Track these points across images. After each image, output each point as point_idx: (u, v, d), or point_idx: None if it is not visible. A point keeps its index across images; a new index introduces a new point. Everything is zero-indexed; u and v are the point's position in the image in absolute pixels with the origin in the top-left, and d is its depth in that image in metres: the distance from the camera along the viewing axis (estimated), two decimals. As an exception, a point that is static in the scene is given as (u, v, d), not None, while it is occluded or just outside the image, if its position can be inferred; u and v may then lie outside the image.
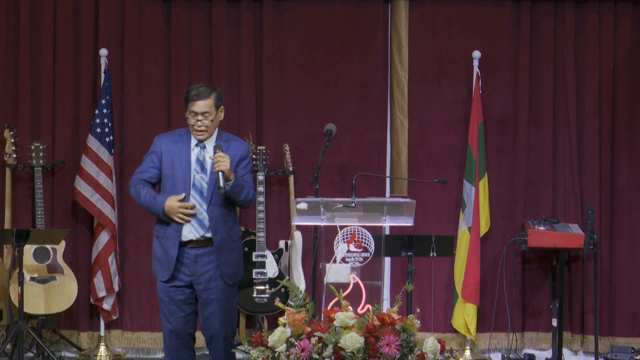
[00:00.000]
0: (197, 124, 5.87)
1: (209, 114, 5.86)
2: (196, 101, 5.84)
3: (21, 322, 7.20)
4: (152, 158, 5.98)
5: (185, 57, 8.28)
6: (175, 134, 6.04)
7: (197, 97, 5.84)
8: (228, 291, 5.98)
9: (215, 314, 5.95)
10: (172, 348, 6.00)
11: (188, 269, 5.91)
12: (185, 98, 5.93)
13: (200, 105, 5.85)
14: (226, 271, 5.94)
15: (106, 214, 7.96)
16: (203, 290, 5.93)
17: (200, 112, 5.85)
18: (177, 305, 5.93)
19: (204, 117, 5.86)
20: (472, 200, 8.03)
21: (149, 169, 5.99)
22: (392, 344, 5.01)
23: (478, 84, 8.16)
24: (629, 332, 8.25)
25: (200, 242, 5.91)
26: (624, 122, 8.32)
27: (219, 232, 5.90)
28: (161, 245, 5.94)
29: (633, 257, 8.28)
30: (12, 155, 8.01)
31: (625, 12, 8.30)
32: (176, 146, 5.94)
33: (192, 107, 5.85)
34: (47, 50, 8.21)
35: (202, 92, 5.86)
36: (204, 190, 5.90)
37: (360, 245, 5.52)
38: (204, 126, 5.87)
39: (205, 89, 5.89)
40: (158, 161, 5.96)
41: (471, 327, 8.04)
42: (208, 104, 5.86)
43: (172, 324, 5.95)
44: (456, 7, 8.35)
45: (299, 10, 8.34)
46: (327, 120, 7.14)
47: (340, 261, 5.49)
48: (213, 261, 5.92)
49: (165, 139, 6.02)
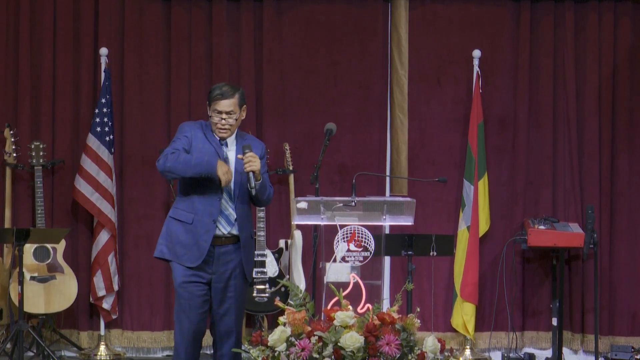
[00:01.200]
0: (220, 122, 5.87)
1: (233, 113, 5.87)
2: (221, 100, 5.84)
3: (21, 322, 7.21)
4: (184, 142, 5.86)
5: (185, 57, 8.28)
6: (199, 125, 5.97)
7: (222, 97, 5.85)
8: (244, 289, 5.99)
9: (231, 311, 5.92)
10: (190, 349, 5.90)
11: (210, 267, 5.88)
12: (208, 97, 5.90)
13: (224, 104, 5.85)
14: (248, 269, 5.97)
15: (106, 213, 7.96)
16: (223, 288, 5.89)
17: (224, 111, 5.85)
18: (197, 302, 5.88)
19: (228, 115, 5.86)
20: (472, 200, 8.04)
21: (182, 148, 5.85)
22: (392, 343, 5.01)
23: (478, 83, 8.16)
24: (629, 332, 8.25)
25: (225, 239, 5.90)
26: (624, 121, 8.32)
27: (244, 230, 5.90)
28: (187, 230, 5.83)
29: (633, 256, 8.29)
30: (12, 155, 8.01)
31: (625, 12, 8.30)
32: (200, 132, 5.91)
33: (216, 106, 5.85)
34: (47, 50, 8.21)
35: (227, 91, 5.86)
36: (230, 188, 5.88)
37: (360, 245, 5.52)
38: (227, 125, 5.87)
39: (230, 89, 5.89)
40: (189, 145, 5.87)
41: (469, 327, 8.04)
42: (232, 103, 5.86)
43: (192, 321, 5.84)
44: (456, 7, 8.35)
45: (299, 10, 8.34)
46: (327, 120, 7.14)
47: (340, 260, 5.49)
48: (234, 259, 5.89)
49: (193, 127, 5.94)
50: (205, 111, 8.31)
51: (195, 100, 8.28)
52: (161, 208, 8.24)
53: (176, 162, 5.75)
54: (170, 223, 5.88)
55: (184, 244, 5.83)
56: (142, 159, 8.26)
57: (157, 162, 5.81)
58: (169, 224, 5.88)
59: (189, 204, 5.84)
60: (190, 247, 5.82)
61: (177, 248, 5.85)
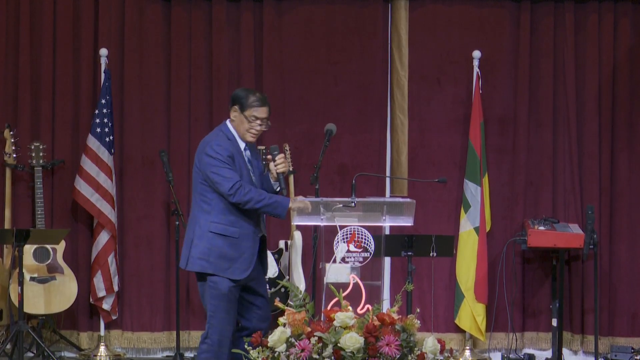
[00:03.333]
0: (256, 128, 5.95)
1: (267, 120, 5.98)
2: (261, 107, 5.95)
3: (21, 322, 7.21)
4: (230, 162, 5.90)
5: (185, 57, 8.28)
6: (224, 138, 6.00)
7: (262, 103, 5.96)
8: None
9: (266, 306, 6.03)
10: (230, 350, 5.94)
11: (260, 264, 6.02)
12: (240, 102, 5.95)
13: (264, 111, 5.95)
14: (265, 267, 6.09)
15: (106, 213, 7.96)
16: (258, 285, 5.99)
17: (262, 117, 5.95)
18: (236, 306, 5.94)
19: (263, 122, 5.96)
20: (478, 200, 8.02)
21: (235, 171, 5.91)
22: (392, 343, 5.01)
23: (478, 83, 8.16)
24: (629, 332, 8.25)
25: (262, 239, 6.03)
26: (624, 122, 8.32)
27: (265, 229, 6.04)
28: (232, 244, 5.88)
29: (633, 257, 8.28)
30: (12, 155, 8.01)
31: (625, 12, 8.30)
32: (234, 150, 5.97)
33: (255, 112, 5.92)
34: (47, 50, 8.21)
35: (264, 98, 5.98)
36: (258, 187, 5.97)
37: (360, 245, 5.52)
38: (261, 131, 5.99)
39: (264, 97, 6.01)
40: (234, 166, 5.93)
41: (482, 327, 8.03)
42: (268, 110, 5.98)
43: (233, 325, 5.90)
44: (456, 7, 8.35)
45: (299, 10, 8.34)
46: (327, 120, 7.14)
47: (340, 261, 5.50)
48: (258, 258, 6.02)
49: (225, 143, 5.96)
50: (202, 110, 8.32)
51: (195, 100, 8.28)
52: (161, 208, 8.24)
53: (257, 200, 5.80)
54: (213, 238, 5.89)
55: (231, 258, 5.88)
56: (142, 160, 8.25)
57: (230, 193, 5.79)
58: (211, 240, 5.89)
59: (232, 218, 5.87)
60: (235, 260, 5.88)
61: (221, 262, 5.88)
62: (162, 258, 8.22)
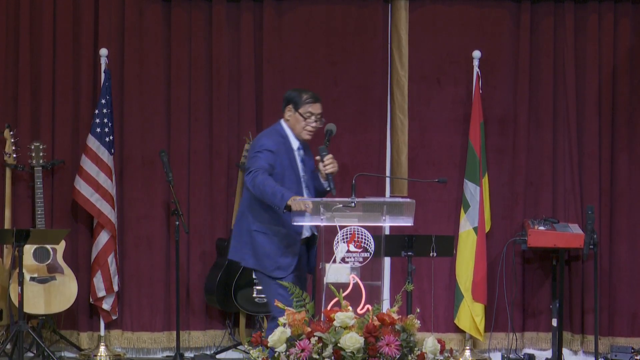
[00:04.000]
0: (311, 124, 6.06)
1: (321, 116, 6.08)
2: (315, 103, 6.06)
3: (21, 322, 7.20)
4: (269, 156, 5.99)
5: (185, 57, 8.28)
6: (276, 134, 6.10)
7: (315, 100, 6.06)
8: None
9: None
10: None
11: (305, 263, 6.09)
12: (292, 100, 6.08)
13: (317, 107, 6.08)
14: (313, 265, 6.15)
15: (106, 213, 7.96)
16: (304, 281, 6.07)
17: (317, 113, 6.06)
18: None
19: (317, 118, 6.06)
20: (478, 200, 8.02)
21: (268, 165, 5.97)
22: (392, 344, 5.01)
23: (478, 83, 8.16)
24: (629, 332, 8.25)
25: (308, 239, 6.06)
26: (624, 122, 8.32)
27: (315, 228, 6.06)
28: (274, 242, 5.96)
29: (633, 257, 8.28)
30: (12, 155, 8.01)
31: (625, 12, 8.30)
32: (283, 147, 6.05)
33: (310, 109, 6.04)
34: (47, 50, 8.21)
35: (316, 95, 6.08)
36: (310, 190, 6.06)
37: (360, 245, 5.52)
38: (316, 127, 6.08)
39: (316, 94, 6.11)
40: (273, 160, 6.01)
41: (481, 327, 8.03)
42: (321, 107, 6.09)
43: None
44: (456, 7, 8.35)
45: (299, 10, 8.34)
46: (327, 120, 7.13)
47: (340, 261, 5.49)
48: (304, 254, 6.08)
49: (272, 139, 6.06)
50: (202, 110, 8.32)
51: (195, 100, 8.28)
52: (161, 208, 8.24)
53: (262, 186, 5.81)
54: (257, 236, 5.97)
55: (271, 256, 5.97)
56: (142, 159, 8.25)
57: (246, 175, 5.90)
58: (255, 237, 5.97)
59: (275, 217, 5.94)
60: (277, 258, 5.95)
61: (265, 261, 5.98)
62: (162, 258, 8.23)
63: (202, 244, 8.25)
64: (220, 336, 8.27)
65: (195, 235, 8.22)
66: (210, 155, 8.27)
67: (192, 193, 8.26)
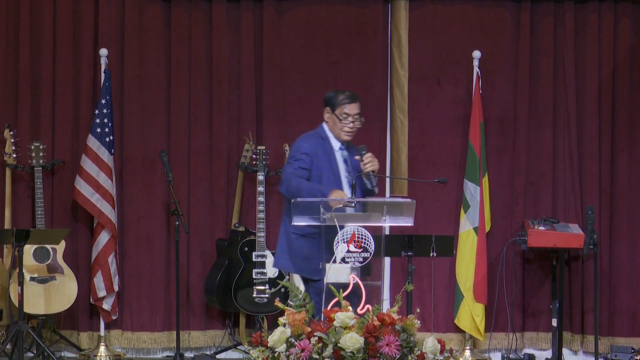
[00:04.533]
0: (349, 125, 6.06)
1: (359, 116, 6.08)
2: (350, 103, 6.07)
3: (21, 322, 7.20)
4: (304, 160, 6.04)
5: (185, 57, 8.28)
6: (315, 136, 6.15)
7: (351, 100, 6.07)
8: None
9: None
10: None
11: None
12: (329, 102, 6.12)
13: (354, 107, 6.07)
14: None
15: (106, 213, 7.96)
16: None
17: (353, 113, 6.06)
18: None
19: (354, 118, 6.07)
20: (478, 200, 8.02)
21: (301, 169, 6.02)
22: (392, 344, 5.01)
23: (478, 84, 8.16)
24: (628, 332, 8.25)
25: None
26: (624, 122, 8.32)
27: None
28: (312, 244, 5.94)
29: (633, 257, 8.28)
30: (12, 155, 8.01)
31: (625, 12, 8.30)
32: (322, 149, 6.08)
33: (346, 110, 6.06)
34: (47, 50, 8.21)
35: (353, 95, 6.09)
36: (355, 190, 5.99)
37: (360, 245, 5.52)
38: (355, 128, 6.08)
39: (353, 93, 6.12)
40: (309, 163, 6.04)
41: (481, 327, 8.03)
42: (359, 106, 6.09)
43: None
44: (456, 7, 8.35)
45: (299, 10, 8.34)
46: (327, 120, 7.14)
47: (340, 261, 5.49)
48: None
49: (311, 142, 6.11)
50: (202, 110, 8.33)
51: (195, 100, 8.28)
52: (161, 208, 8.24)
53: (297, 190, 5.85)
54: (294, 239, 5.98)
55: (308, 257, 5.95)
56: (142, 159, 8.25)
57: (279, 186, 5.98)
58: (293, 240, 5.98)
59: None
60: (314, 260, 5.89)
61: (301, 262, 5.98)
62: (162, 258, 8.23)
63: (202, 244, 8.25)
64: (220, 336, 8.27)
65: (195, 235, 8.22)
66: (210, 155, 8.27)
67: (192, 193, 8.26)
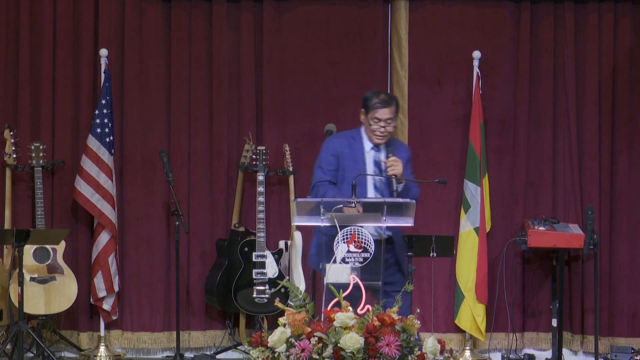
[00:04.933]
0: (379, 129, 6.10)
1: (391, 121, 6.12)
2: (380, 108, 6.10)
3: (21, 322, 7.20)
4: (331, 161, 6.13)
5: (185, 57, 8.28)
6: (346, 136, 6.23)
7: (382, 105, 6.10)
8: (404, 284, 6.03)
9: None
10: None
11: None
12: (364, 104, 6.15)
13: (385, 112, 6.10)
14: (404, 268, 6.18)
15: (106, 214, 7.96)
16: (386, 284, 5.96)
17: (384, 118, 6.09)
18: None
19: (386, 123, 6.10)
20: (478, 201, 8.02)
21: (330, 171, 6.12)
22: (392, 344, 5.01)
23: (478, 84, 8.16)
24: (629, 332, 8.25)
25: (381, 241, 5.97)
26: (624, 122, 8.32)
27: (396, 231, 6.07)
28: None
29: (633, 257, 8.28)
30: (12, 155, 8.01)
31: (625, 12, 8.30)
32: (350, 149, 6.14)
33: (376, 114, 6.10)
34: (47, 50, 8.21)
35: (386, 99, 6.12)
36: (383, 191, 6.08)
37: (360, 246, 5.52)
38: (386, 132, 6.12)
39: (387, 97, 6.16)
40: (336, 163, 6.12)
41: (482, 327, 8.03)
42: (392, 111, 6.13)
43: None
44: (456, 7, 8.35)
45: (299, 10, 8.34)
46: (327, 120, 7.15)
47: (340, 261, 5.49)
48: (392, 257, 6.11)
49: (339, 141, 6.20)
50: (202, 111, 8.33)
51: (195, 101, 8.28)
52: (161, 208, 8.24)
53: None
54: (320, 236, 5.95)
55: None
56: (142, 160, 8.25)
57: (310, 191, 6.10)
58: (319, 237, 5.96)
59: None
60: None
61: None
62: (162, 258, 8.23)
63: (202, 244, 8.25)
64: (220, 336, 8.27)
65: (195, 235, 8.23)
66: (210, 155, 8.27)
67: (192, 193, 8.26)
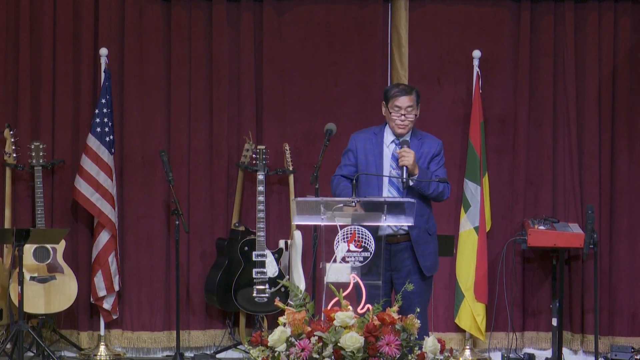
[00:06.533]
0: (400, 118, 6.07)
1: (411, 109, 6.07)
2: (400, 96, 6.07)
3: (21, 322, 7.21)
4: (349, 156, 6.15)
5: (185, 57, 8.28)
6: (369, 132, 6.22)
7: (401, 93, 6.07)
8: (425, 284, 6.10)
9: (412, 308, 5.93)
10: None
11: (388, 265, 5.97)
12: (384, 96, 6.14)
13: (404, 100, 6.06)
14: (425, 264, 6.06)
15: (106, 213, 7.96)
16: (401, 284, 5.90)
17: (404, 106, 6.06)
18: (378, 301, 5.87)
19: (406, 111, 6.07)
20: (478, 200, 8.02)
21: (346, 166, 6.14)
22: (392, 343, 5.01)
23: (478, 83, 8.16)
24: (629, 332, 8.25)
25: (400, 236, 6.00)
26: (624, 121, 8.32)
27: (415, 225, 5.96)
28: None
29: (633, 256, 8.28)
30: (12, 155, 8.01)
31: (625, 11, 8.30)
32: (370, 143, 6.13)
33: (396, 102, 6.07)
34: (47, 50, 8.21)
35: (405, 88, 6.10)
36: (400, 185, 6.02)
37: (361, 245, 5.52)
38: (407, 121, 6.08)
39: (407, 86, 6.14)
40: (354, 158, 6.12)
41: (482, 327, 8.03)
42: (411, 99, 6.08)
43: None
44: (456, 7, 8.35)
45: (299, 10, 8.34)
46: (327, 120, 7.14)
47: (340, 261, 5.49)
48: (410, 256, 6.02)
49: (360, 136, 6.20)
50: (202, 110, 8.33)
51: (195, 100, 8.28)
52: (161, 208, 8.24)
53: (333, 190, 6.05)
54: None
55: None
56: (142, 159, 8.26)
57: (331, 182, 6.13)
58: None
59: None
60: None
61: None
62: (162, 258, 8.23)
63: (202, 244, 8.25)
64: (220, 336, 8.27)
65: (195, 235, 8.23)
66: (210, 155, 8.27)
67: (192, 193, 8.26)
